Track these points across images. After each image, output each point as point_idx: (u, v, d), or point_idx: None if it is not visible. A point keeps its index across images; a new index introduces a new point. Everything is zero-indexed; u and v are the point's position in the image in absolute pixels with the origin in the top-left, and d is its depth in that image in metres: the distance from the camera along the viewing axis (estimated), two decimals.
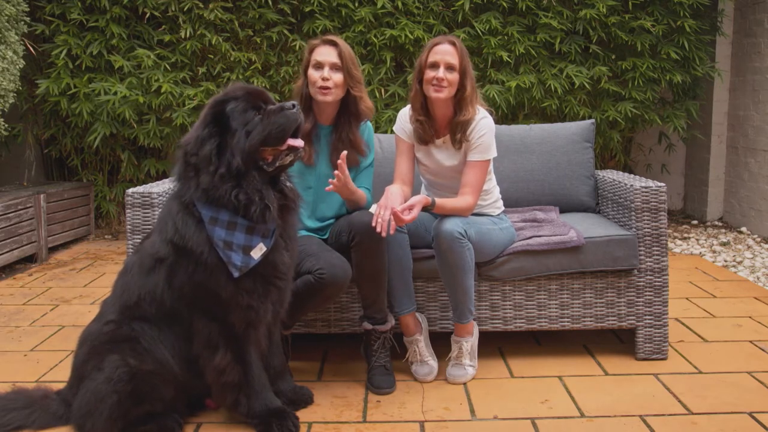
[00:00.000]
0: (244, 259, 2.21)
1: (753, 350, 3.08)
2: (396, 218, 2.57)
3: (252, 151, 2.24)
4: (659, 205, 2.91)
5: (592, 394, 2.65)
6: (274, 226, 2.28)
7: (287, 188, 2.38)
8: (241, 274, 2.22)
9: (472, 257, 2.72)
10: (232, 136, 2.23)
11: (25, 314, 3.66)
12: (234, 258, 2.21)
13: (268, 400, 2.37)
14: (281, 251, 2.33)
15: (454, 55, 2.75)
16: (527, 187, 3.45)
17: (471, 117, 2.79)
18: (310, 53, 2.81)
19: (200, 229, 2.23)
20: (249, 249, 2.22)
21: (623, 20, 5.33)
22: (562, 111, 5.38)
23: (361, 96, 2.82)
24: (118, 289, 2.39)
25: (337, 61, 2.75)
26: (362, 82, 2.85)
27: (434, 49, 2.78)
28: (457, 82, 2.76)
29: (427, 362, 2.82)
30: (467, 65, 2.79)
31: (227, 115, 2.25)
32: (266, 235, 2.26)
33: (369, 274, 2.67)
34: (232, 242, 2.21)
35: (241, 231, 2.22)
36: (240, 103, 2.26)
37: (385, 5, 5.14)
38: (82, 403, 2.24)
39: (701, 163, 6.06)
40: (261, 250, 2.24)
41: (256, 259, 2.23)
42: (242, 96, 2.28)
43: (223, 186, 2.21)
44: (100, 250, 5.09)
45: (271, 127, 2.25)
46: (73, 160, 5.58)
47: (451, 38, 2.80)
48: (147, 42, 5.25)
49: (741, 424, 2.40)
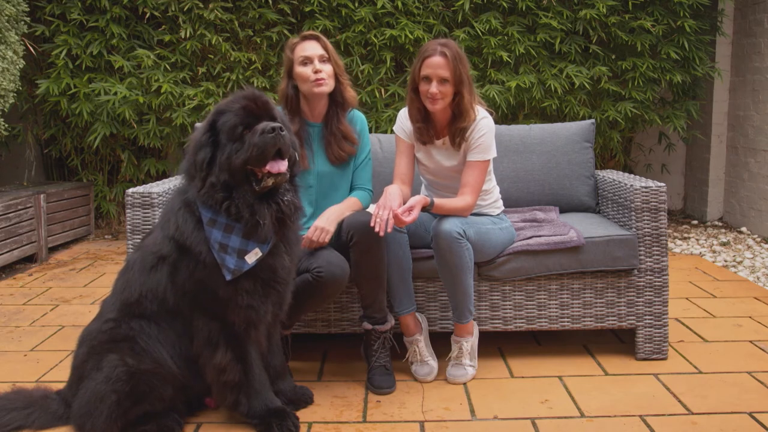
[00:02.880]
0: (238, 263, 2.21)
1: (753, 350, 3.08)
2: (396, 220, 2.57)
3: (235, 170, 2.21)
4: (659, 205, 2.91)
5: (592, 394, 2.65)
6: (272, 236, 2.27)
7: (284, 202, 2.28)
8: (233, 277, 2.21)
9: (471, 257, 2.72)
10: (221, 150, 2.22)
11: (25, 314, 3.66)
12: (228, 261, 2.21)
13: (268, 399, 2.37)
14: (281, 255, 2.32)
15: (446, 68, 2.70)
16: (527, 187, 3.44)
17: (470, 122, 2.79)
18: (292, 52, 2.80)
19: (199, 229, 2.24)
20: (244, 253, 2.22)
21: (623, 20, 5.33)
22: (562, 111, 5.38)
23: (346, 84, 2.86)
24: (119, 286, 2.40)
25: (324, 53, 2.79)
26: (345, 72, 2.90)
27: (426, 62, 2.73)
28: (452, 92, 2.74)
29: (427, 362, 2.82)
30: (462, 72, 2.73)
31: (218, 129, 2.24)
32: (263, 240, 2.25)
33: (368, 274, 2.67)
34: (227, 245, 2.21)
35: (238, 234, 2.22)
36: (231, 118, 2.23)
37: (385, 5, 5.14)
38: (82, 403, 2.25)
39: (701, 163, 6.06)
40: (256, 255, 2.23)
41: (250, 263, 2.22)
42: (236, 110, 2.24)
43: (215, 195, 2.21)
44: (100, 250, 5.09)
45: (251, 150, 2.19)
46: (73, 160, 5.58)
47: (442, 48, 2.73)
48: (147, 42, 5.25)
49: (741, 424, 2.40)
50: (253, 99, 2.27)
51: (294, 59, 2.79)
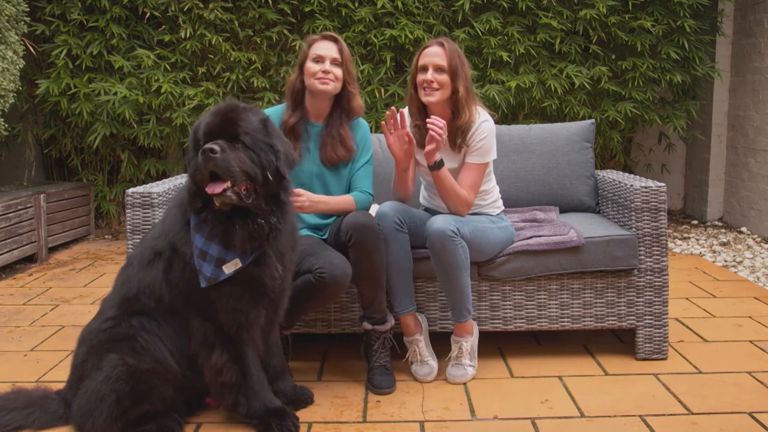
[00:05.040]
0: (215, 272, 2.20)
1: (753, 350, 3.08)
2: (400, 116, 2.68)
3: (192, 189, 2.22)
4: (659, 205, 2.91)
5: (592, 394, 2.65)
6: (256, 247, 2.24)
7: (257, 224, 2.21)
8: (208, 285, 2.21)
9: (466, 255, 2.71)
10: (189, 162, 2.24)
11: (25, 314, 3.66)
12: (205, 268, 2.20)
13: (267, 400, 2.37)
14: (269, 265, 2.28)
15: (443, 56, 2.74)
16: (527, 187, 3.44)
17: (469, 120, 2.78)
18: (309, 47, 2.83)
19: (186, 230, 2.26)
20: (222, 262, 2.20)
21: (623, 20, 5.33)
22: (562, 111, 5.38)
23: (355, 93, 2.86)
24: (119, 281, 2.41)
25: (338, 57, 2.80)
26: (356, 81, 2.90)
27: (423, 52, 2.79)
28: (449, 83, 2.75)
29: (427, 362, 2.82)
30: (459, 66, 2.75)
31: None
32: (245, 251, 2.22)
33: (367, 274, 2.67)
34: (207, 252, 2.20)
35: (218, 243, 2.21)
36: (192, 137, 2.25)
37: (385, 5, 5.14)
38: (82, 402, 2.24)
39: (701, 163, 6.06)
40: (235, 266, 2.21)
41: (226, 273, 2.20)
42: (196, 128, 2.24)
43: (194, 203, 2.23)
44: (100, 250, 5.09)
45: (191, 170, 2.20)
46: (73, 160, 5.58)
47: (441, 39, 2.79)
48: (147, 42, 5.25)
49: (741, 424, 2.40)
50: (218, 114, 2.22)
51: (308, 54, 2.82)
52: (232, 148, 2.16)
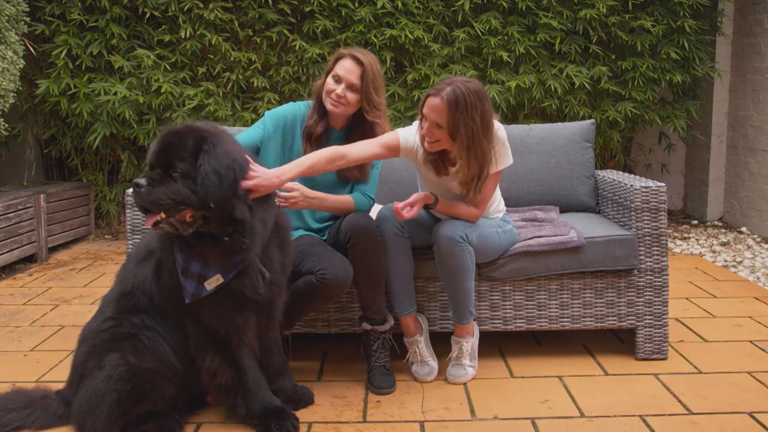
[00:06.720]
0: (197, 288, 2.20)
1: (753, 350, 3.08)
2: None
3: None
4: (659, 205, 2.91)
5: (592, 394, 2.65)
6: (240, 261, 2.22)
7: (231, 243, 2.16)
8: (191, 301, 2.21)
9: (472, 260, 2.71)
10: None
11: (25, 314, 3.66)
12: (188, 285, 2.21)
13: (266, 400, 2.37)
14: (250, 277, 2.26)
15: (442, 113, 2.54)
16: (527, 187, 3.44)
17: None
18: (335, 62, 2.74)
19: (171, 241, 2.25)
20: (203, 278, 2.20)
21: (623, 20, 5.33)
22: (562, 111, 5.38)
23: (373, 121, 2.73)
24: (119, 278, 2.43)
25: (356, 82, 2.68)
26: (382, 109, 2.74)
27: (426, 100, 2.62)
28: (448, 139, 2.58)
29: (427, 362, 2.82)
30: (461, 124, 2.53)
31: None
32: (225, 268, 2.21)
33: (365, 276, 2.66)
34: (188, 269, 2.20)
35: (198, 260, 2.20)
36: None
37: (385, 5, 5.14)
38: (82, 401, 2.24)
39: (701, 163, 6.06)
40: (217, 281, 2.20)
41: (208, 290, 2.20)
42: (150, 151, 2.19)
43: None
44: (100, 250, 5.09)
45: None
46: (73, 160, 5.58)
47: (443, 90, 2.55)
48: (147, 42, 5.25)
49: (741, 424, 2.40)
50: (157, 143, 2.15)
51: (332, 68, 2.73)
52: (166, 178, 2.10)
